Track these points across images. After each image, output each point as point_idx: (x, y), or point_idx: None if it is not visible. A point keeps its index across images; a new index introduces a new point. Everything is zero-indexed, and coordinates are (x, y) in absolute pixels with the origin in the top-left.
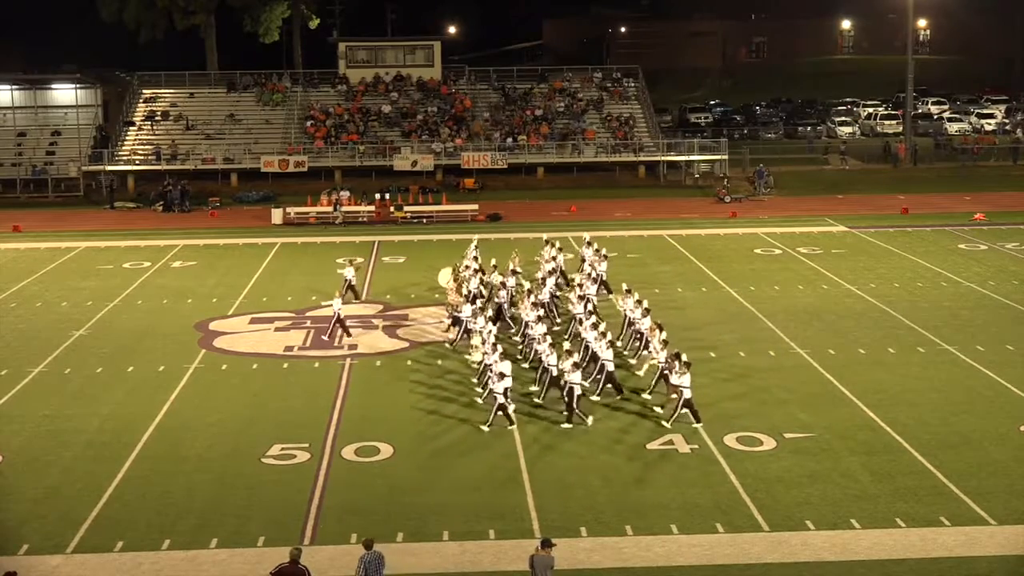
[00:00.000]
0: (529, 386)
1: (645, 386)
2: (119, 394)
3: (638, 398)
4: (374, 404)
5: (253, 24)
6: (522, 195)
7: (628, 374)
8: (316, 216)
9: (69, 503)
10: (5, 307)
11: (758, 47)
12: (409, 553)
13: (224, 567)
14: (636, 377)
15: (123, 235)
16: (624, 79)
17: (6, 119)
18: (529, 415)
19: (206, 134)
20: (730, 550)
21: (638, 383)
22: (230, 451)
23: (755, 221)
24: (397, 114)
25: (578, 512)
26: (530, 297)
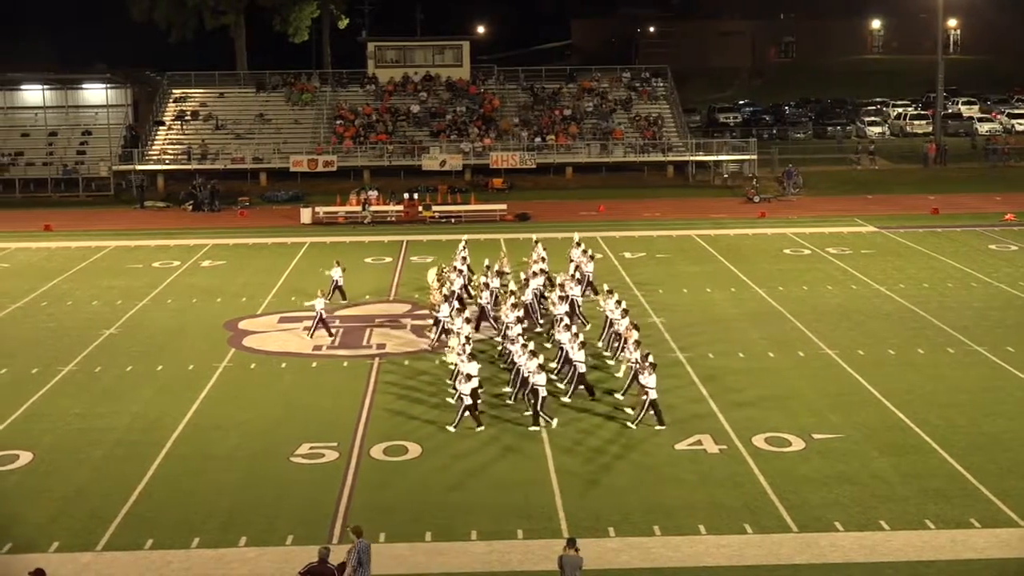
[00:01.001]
0: (503, 387)
1: (621, 387)
2: (149, 393)
3: (610, 398)
4: (402, 403)
5: (283, 24)
6: (550, 195)
7: (606, 375)
8: (345, 216)
9: (99, 501)
10: (36, 306)
11: (787, 47)
12: (437, 552)
13: (253, 566)
14: (614, 378)
15: (153, 234)
16: (653, 79)
17: (37, 119)
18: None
19: (236, 134)
20: (759, 551)
21: (614, 384)
22: (259, 450)
23: (784, 221)
24: (426, 114)
25: (606, 512)
26: (511, 298)
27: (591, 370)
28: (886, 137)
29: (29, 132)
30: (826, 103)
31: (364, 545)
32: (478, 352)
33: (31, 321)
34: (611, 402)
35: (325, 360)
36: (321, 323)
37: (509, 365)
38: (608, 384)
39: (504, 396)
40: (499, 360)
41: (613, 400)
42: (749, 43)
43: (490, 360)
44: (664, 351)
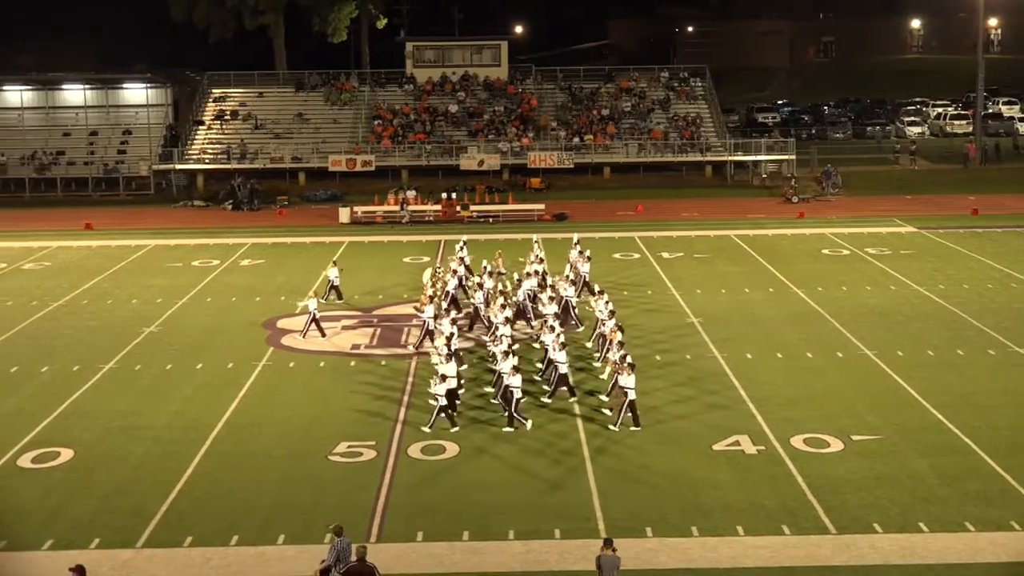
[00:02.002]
0: (486, 387)
1: (604, 388)
2: (188, 391)
3: (592, 399)
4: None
5: (321, 24)
6: (588, 195)
7: (591, 375)
8: (383, 215)
9: (139, 498)
10: (77, 304)
11: (826, 46)
12: (474, 551)
13: (291, 564)
14: (597, 378)
15: (192, 233)
16: (691, 79)
17: (79, 118)
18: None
19: (275, 133)
20: (797, 552)
21: (597, 384)
22: (297, 448)
23: (823, 221)
24: (464, 114)
25: (643, 512)
26: (500, 298)
27: (576, 371)
28: (926, 137)
29: (70, 132)
30: (865, 103)
31: (345, 543)
32: (469, 352)
33: (72, 319)
34: (593, 403)
35: (363, 359)
36: (314, 322)
37: (494, 365)
38: (591, 385)
39: (489, 396)
40: (490, 360)
41: (596, 401)
42: (788, 43)
43: (480, 360)
44: (702, 351)
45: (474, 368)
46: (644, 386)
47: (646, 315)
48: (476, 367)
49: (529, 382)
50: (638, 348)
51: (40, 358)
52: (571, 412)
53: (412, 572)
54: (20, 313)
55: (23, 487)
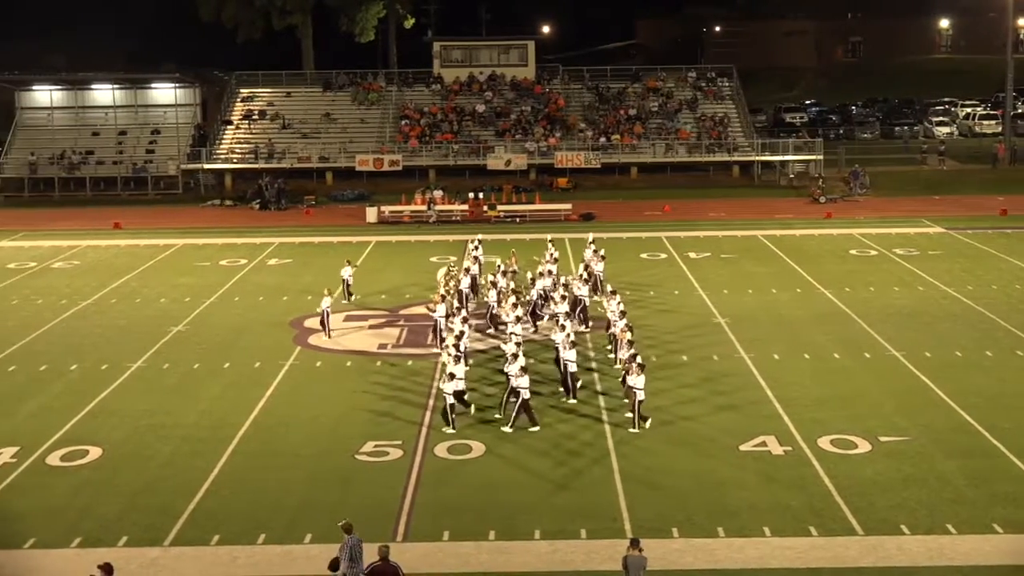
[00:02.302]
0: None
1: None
2: (216, 389)
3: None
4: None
5: (349, 24)
6: (615, 195)
7: (602, 376)
8: (410, 215)
9: (167, 496)
10: (105, 303)
11: (854, 46)
12: (500, 551)
13: (318, 562)
14: (607, 379)
15: (220, 233)
16: (718, 79)
17: (108, 118)
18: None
19: (302, 133)
20: (824, 553)
21: (612, 385)
22: (324, 447)
23: (850, 222)
24: (491, 113)
25: (670, 513)
26: (511, 297)
27: (587, 371)
28: (954, 137)
29: (99, 131)
30: (893, 103)
31: (355, 541)
32: (482, 352)
33: (101, 318)
34: (615, 403)
35: (390, 358)
36: (321, 322)
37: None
38: (602, 385)
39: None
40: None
41: (617, 401)
42: (816, 42)
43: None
44: (729, 351)
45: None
46: (671, 386)
47: (672, 315)
48: (485, 367)
49: (540, 383)
50: (665, 348)
51: (69, 357)
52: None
53: (438, 572)
54: (49, 312)
55: (52, 485)
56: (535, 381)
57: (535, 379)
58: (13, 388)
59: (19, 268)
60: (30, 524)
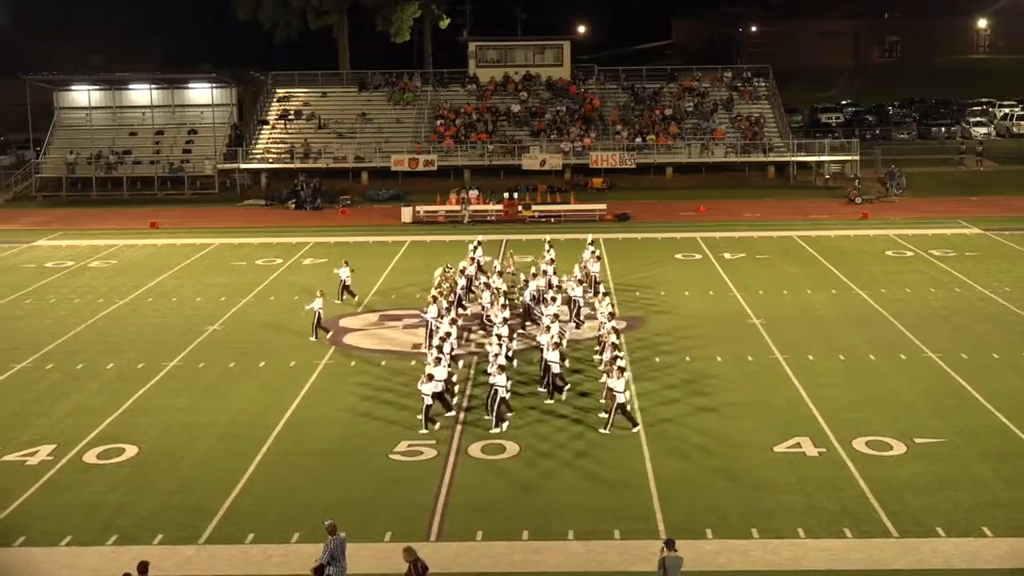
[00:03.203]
0: (538, 387)
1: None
2: (251, 388)
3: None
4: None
5: (385, 24)
6: (650, 195)
7: (586, 377)
8: (445, 215)
9: (202, 495)
10: (142, 302)
11: (891, 46)
12: (534, 551)
13: (351, 561)
14: (591, 380)
15: (256, 232)
16: (754, 79)
17: (145, 118)
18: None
19: (338, 133)
20: (858, 555)
21: (592, 386)
22: (358, 447)
23: (887, 222)
24: (526, 113)
25: (703, 513)
26: (501, 298)
27: (573, 372)
28: (992, 138)
29: (137, 131)
30: (931, 103)
31: (339, 541)
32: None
33: (137, 317)
34: (575, 404)
35: (423, 358)
36: (318, 324)
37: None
38: (585, 386)
39: (543, 395)
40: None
41: (579, 402)
42: (852, 42)
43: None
44: (763, 352)
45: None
46: (705, 387)
47: (707, 316)
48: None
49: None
50: (699, 349)
51: (106, 355)
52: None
53: (472, 571)
54: (87, 310)
55: (88, 483)
56: (521, 383)
57: (521, 380)
58: (51, 386)
59: (57, 267)
60: (66, 521)
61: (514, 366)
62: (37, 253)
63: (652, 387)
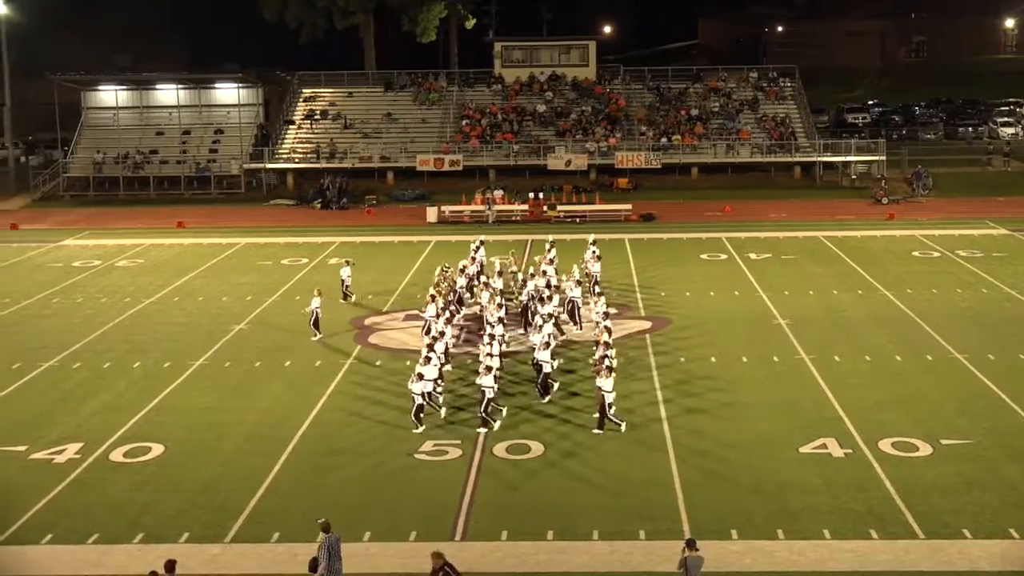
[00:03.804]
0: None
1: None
2: (277, 388)
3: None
4: (526, 402)
5: (411, 24)
6: (676, 195)
7: (579, 377)
8: (470, 214)
9: (227, 494)
10: (168, 301)
11: (918, 46)
12: (559, 551)
13: (376, 560)
14: (584, 379)
15: (282, 232)
16: (780, 79)
17: (172, 118)
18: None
19: (363, 133)
20: (884, 557)
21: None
22: (383, 446)
23: (913, 223)
24: (551, 113)
25: (729, 514)
26: (497, 298)
27: (565, 373)
28: (1019, 138)
29: (164, 131)
30: (957, 103)
31: (333, 539)
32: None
33: (164, 316)
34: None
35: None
36: (315, 323)
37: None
38: (577, 387)
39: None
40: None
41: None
42: (879, 42)
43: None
44: (789, 353)
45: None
46: (730, 387)
47: (732, 316)
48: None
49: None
50: (725, 349)
51: (132, 354)
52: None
53: (497, 571)
54: (114, 309)
55: (115, 481)
56: (513, 382)
57: (513, 380)
58: (78, 385)
59: (84, 266)
60: (93, 519)
61: (499, 366)
62: (65, 252)
63: (677, 387)
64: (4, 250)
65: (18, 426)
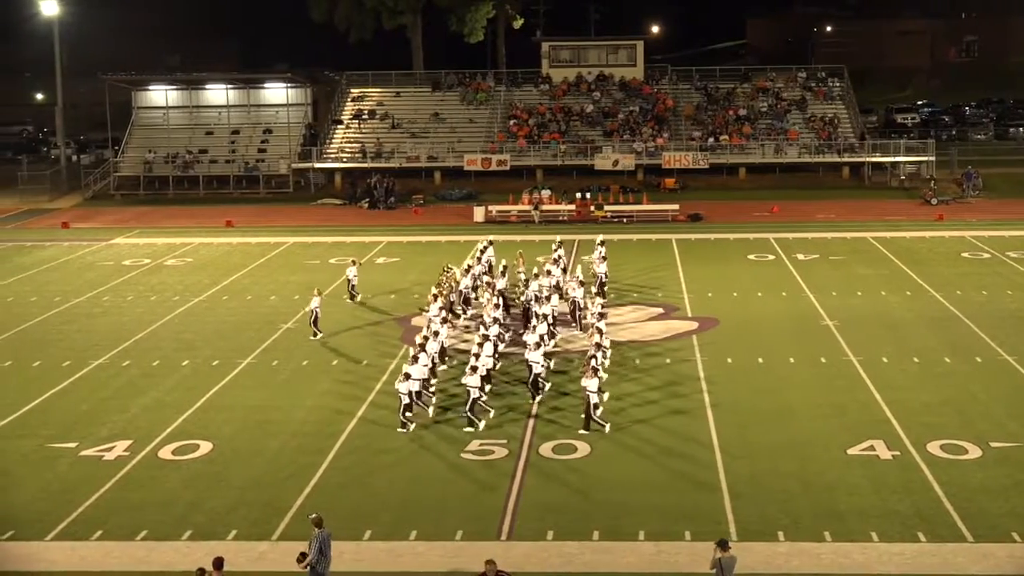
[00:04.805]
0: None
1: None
2: (324, 386)
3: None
4: (570, 402)
5: (458, 24)
6: (723, 195)
7: (572, 378)
8: (517, 214)
9: (275, 491)
10: (217, 299)
11: (968, 46)
12: (604, 551)
13: (423, 559)
14: (574, 382)
15: (329, 231)
16: (829, 79)
17: (221, 117)
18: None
19: (411, 132)
20: (932, 560)
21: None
22: (430, 445)
23: (963, 224)
24: (599, 113)
25: (776, 516)
26: (494, 298)
27: (558, 374)
28: None
29: (213, 130)
30: (1008, 104)
31: (325, 535)
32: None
33: (212, 314)
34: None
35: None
36: (315, 322)
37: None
38: (570, 387)
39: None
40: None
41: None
42: (929, 42)
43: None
44: (837, 354)
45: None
46: (778, 388)
47: (780, 317)
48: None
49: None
50: (772, 350)
51: (181, 352)
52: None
53: (542, 571)
54: (163, 308)
55: (164, 478)
56: (506, 382)
57: (507, 380)
58: (127, 383)
59: (134, 265)
60: (142, 516)
61: (492, 366)
62: (115, 251)
63: (723, 387)
64: (55, 249)
65: (69, 423)
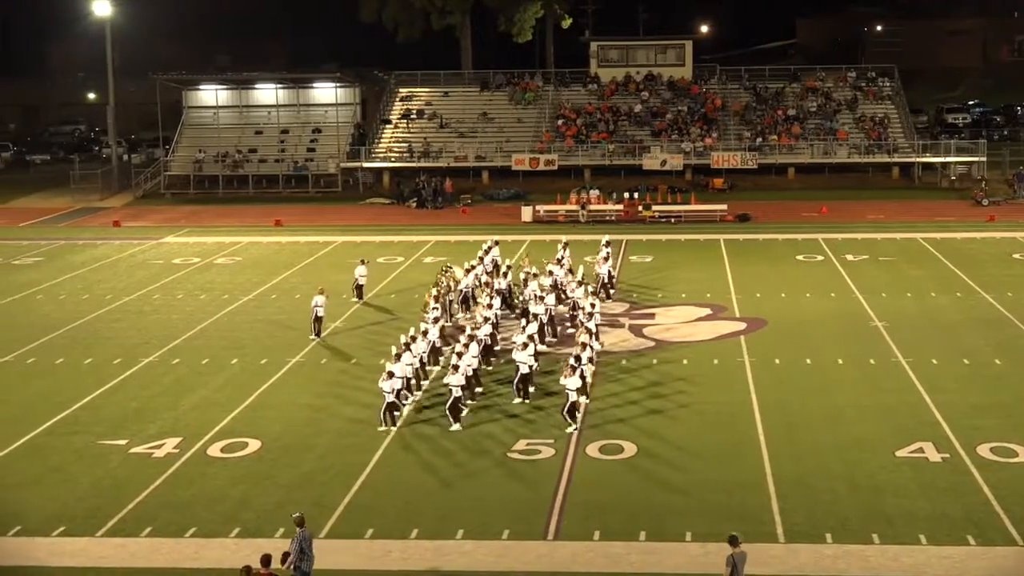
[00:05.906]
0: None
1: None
2: (372, 384)
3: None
4: (619, 402)
5: (507, 24)
6: (772, 196)
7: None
8: (565, 214)
9: (322, 489)
10: (266, 298)
11: (1021, 45)
12: (650, 552)
13: (470, 558)
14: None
15: (377, 230)
16: (879, 78)
17: (270, 117)
18: (761, 420)
19: (459, 132)
20: (982, 563)
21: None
22: (476, 443)
23: (1014, 225)
24: (647, 113)
25: (823, 518)
26: (487, 298)
27: (549, 374)
28: None
29: (262, 130)
30: None
31: (306, 535)
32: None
33: (261, 313)
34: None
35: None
36: (317, 320)
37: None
38: (555, 387)
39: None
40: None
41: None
42: (980, 41)
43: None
44: (886, 355)
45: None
46: (826, 389)
47: (829, 318)
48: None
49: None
50: (820, 351)
51: (230, 351)
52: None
53: (588, 571)
54: (212, 306)
55: (212, 476)
56: (500, 382)
57: (501, 380)
58: (177, 381)
59: (184, 263)
60: (191, 513)
61: (478, 366)
62: (165, 249)
63: (771, 388)
64: (106, 247)
65: (119, 420)
